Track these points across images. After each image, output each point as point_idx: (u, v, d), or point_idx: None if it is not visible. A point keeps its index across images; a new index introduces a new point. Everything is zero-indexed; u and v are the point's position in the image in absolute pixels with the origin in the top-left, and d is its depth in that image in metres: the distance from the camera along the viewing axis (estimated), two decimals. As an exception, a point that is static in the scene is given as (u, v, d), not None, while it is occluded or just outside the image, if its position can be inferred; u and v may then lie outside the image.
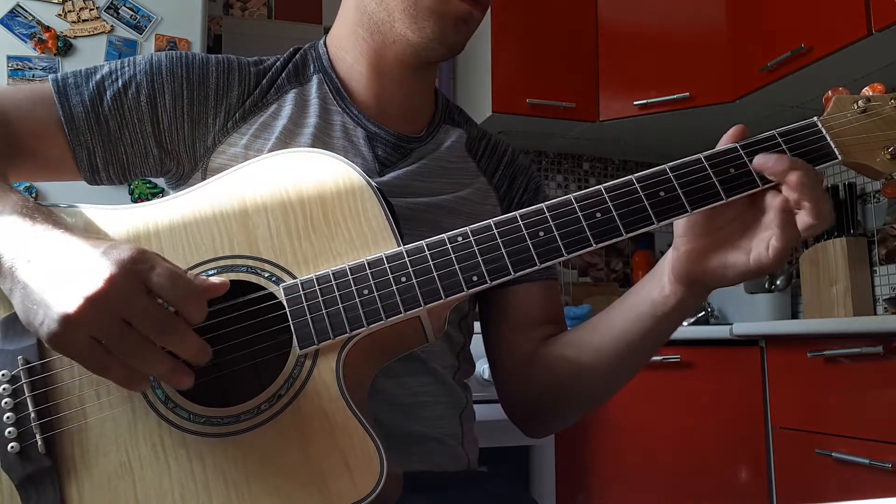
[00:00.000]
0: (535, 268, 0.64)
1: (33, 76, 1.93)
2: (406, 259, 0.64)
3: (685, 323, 2.56)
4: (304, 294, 0.63)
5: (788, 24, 2.16)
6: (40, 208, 0.64)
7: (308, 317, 0.63)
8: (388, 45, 0.84)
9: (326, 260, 0.65)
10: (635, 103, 2.54)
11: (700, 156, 0.67)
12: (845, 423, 1.82)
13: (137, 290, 0.55)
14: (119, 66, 0.82)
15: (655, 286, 0.74)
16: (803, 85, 2.19)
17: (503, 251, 0.64)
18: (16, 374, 0.62)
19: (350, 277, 0.63)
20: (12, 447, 0.60)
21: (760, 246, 0.66)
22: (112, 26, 2.02)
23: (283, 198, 0.67)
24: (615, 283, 3.00)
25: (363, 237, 0.66)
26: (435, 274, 0.63)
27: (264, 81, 0.85)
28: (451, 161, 0.90)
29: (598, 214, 0.65)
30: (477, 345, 0.94)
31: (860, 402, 1.80)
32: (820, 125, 0.68)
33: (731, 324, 2.18)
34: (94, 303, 0.54)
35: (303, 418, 0.60)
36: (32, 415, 0.61)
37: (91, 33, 2.00)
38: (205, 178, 0.71)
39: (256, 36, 2.71)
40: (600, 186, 0.66)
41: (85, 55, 1.99)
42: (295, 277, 0.65)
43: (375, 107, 0.87)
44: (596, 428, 2.14)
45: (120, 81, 0.80)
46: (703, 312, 2.62)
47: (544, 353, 0.86)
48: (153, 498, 0.59)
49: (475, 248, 0.64)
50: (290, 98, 0.85)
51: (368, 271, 0.63)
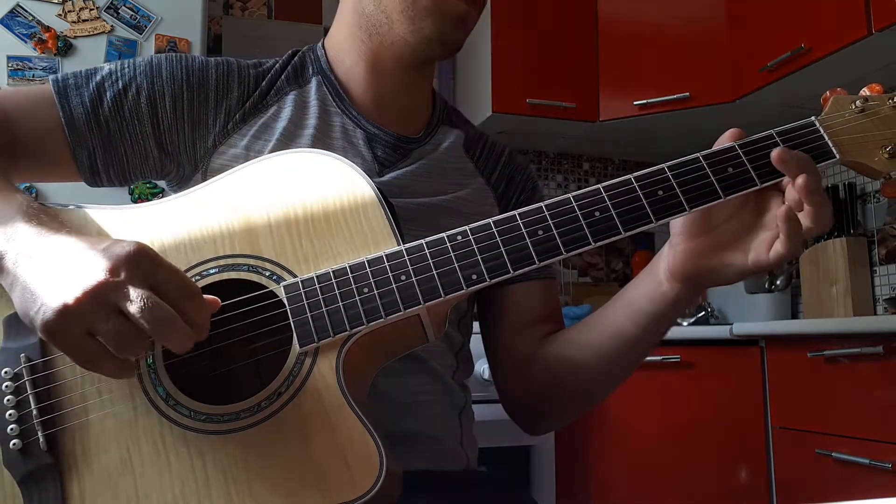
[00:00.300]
0: (533, 266, 0.64)
1: (33, 76, 1.93)
2: (406, 258, 0.64)
3: (685, 323, 2.56)
4: (305, 292, 0.64)
5: (788, 24, 2.16)
6: (45, 208, 0.65)
7: (308, 315, 0.63)
8: (386, 47, 0.84)
9: (327, 259, 0.65)
10: (635, 103, 2.54)
11: (698, 155, 0.67)
12: (845, 423, 1.82)
13: (137, 280, 0.55)
14: (119, 67, 0.82)
15: (652, 283, 0.75)
16: (803, 85, 2.19)
17: (502, 250, 0.64)
18: (18, 371, 0.62)
19: (350, 276, 0.64)
20: (14, 444, 0.61)
21: (760, 247, 0.66)
22: (112, 26, 2.02)
23: (285, 198, 0.68)
24: (615, 283, 3.00)
25: (363, 236, 0.66)
26: (434, 272, 0.63)
27: (264, 83, 0.85)
28: (450, 162, 0.90)
29: (596, 213, 0.65)
30: (477, 344, 0.94)
31: (860, 402, 1.80)
32: (818, 125, 0.68)
33: (731, 324, 2.18)
34: (92, 292, 0.54)
35: (303, 416, 0.60)
36: (34, 412, 0.61)
37: (91, 33, 2.00)
38: (205, 180, 0.72)
39: (256, 36, 2.71)
40: (599, 186, 0.66)
41: (85, 55, 1.99)
42: (295, 276, 0.65)
43: (374, 108, 0.87)
44: (596, 428, 2.14)
45: (120, 83, 0.81)
46: (703, 312, 2.62)
47: (543, 351, 0.86)
48: (154, 494, 0.60)
49: (475, 247, 0.64)
50: (289, 100, 0.85)
51: (368, 270, 0.64)
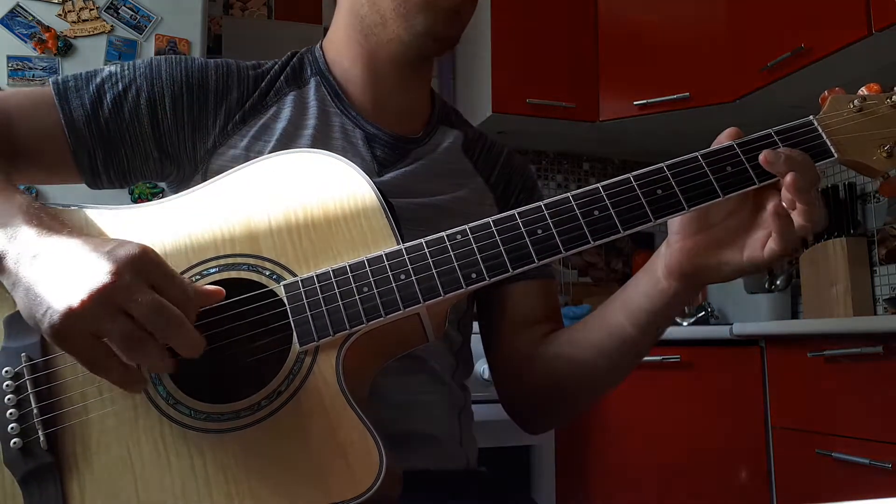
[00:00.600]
0: (533, 265, 0.64)
1: (33, 76, 1.93)
2: (405, 257, 0.64)
3: (685, 323, 2.56)
4: (305, 291, 0.64)
5: (788, 24, 2.16)
6: (46, 209, 0.65)
7: (308, 314, 0.63)
8: (382, 46, 0.85)
9: (327, 258, 0.65)
10: (635, 103, 2.54)
11: (697, 154, 0.67)
12: (845, 423, 1.82)
13: (142, 284, 0.55)
14: (119, 69, 0.82)
15: (650, 281, 0.75)
16: (803, 85, 2.19)
17: (501, 249, 0.64)
18: (19, 370, 0.63)
19: (350, 275, 0.64)
20: (15, 443, 0.61)
21: (755, 245, 0.67)
22: (112, 26, 2.02)
23: (284, 197, 0.68)
24: (615, 282, 3.00)
25: (363, 236, 0.66)
26: (434, 271, 0.63)
27: (263, 84, 0.86)
28: (449, 162, 0.90)
29: (595, 212, 0.65)
30: (477, 345, 0.94)
31: (860, 402, 1.80)
32: (816, 124, 0.68)
33: (731, 324, 2.18)
34: (98, 295, 0.54)
35: (302, 414, 0.61)
36: (35, 411, 0.62)
37: (91, 33, 2.00)
38: (205, 181, 0.72)
39: (256, 36, 2.71)
40: (598, 185, 0.66)
41: (85, 55, 1.99)
42: (295, 275, 0.65)
43: (373, 108, 0.87)
44: (596, 428, 2.15)
45: (120, 85, 0.81)
46: (703, 312, 2.62)
47: (542, 350, 0.86)
48: (154, 493, 0.60)
49: (474, 246, 0.64)
50: (288, 101, 0.86)
51: (368, 269, 0.64)
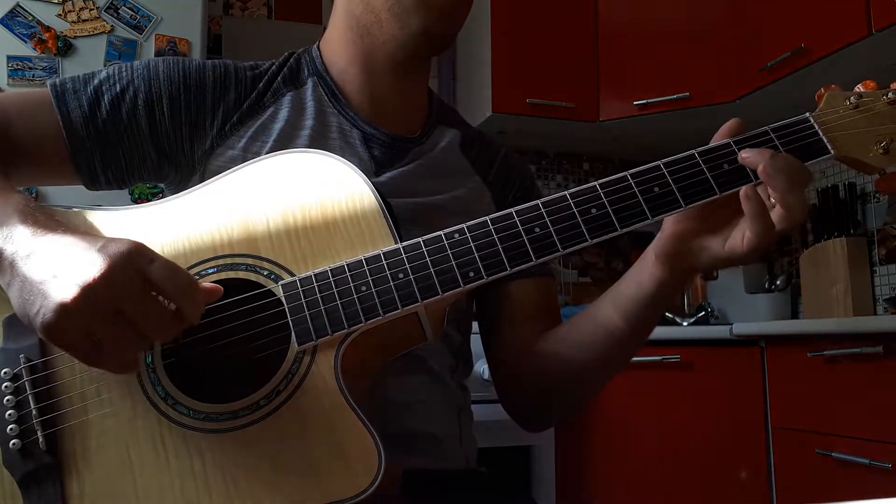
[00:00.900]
0: (530, 263, 0.64)
1: (33, 76, 1.93)
2: (403, 256, 0.64)
3: (685, 323, 2.56)
4: (303, 291, 0.64)
5: (788, 24, 2.16)
6: (42, 208, 0.65)
7: (306, 313, 0.63)
8: (377, 46, 0.85)
9: (325, 258, 0.65)
10: (635, 103, 2.54)
11: (694, 152, 0.67)
12: (845, 423, 1.82)
13: (134, 281, 0.55)
14: (116, 71, 0.83)
15: (640, 269, 0.75)
16: (803, 85, 2.19)
17: (499, 247, 0.64)
18: (17, 372, 0.63)
19: (348, 274, 0.64)
20: (14, 444, 0.61)
21: (737, 235, 0.67)
22: (112, 26, 2.02)
23: (282, 197, 0.68)
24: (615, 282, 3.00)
25: (361, 235, 0.66)
26: (432, 270, 0.63)
27: (260, 85, 0.86)
28: (447, 161, 0.90)
29: (593, 210, 0.65)
30: (476, 345, 0.95)
31: (860, 402, 1.79)
32: (812, 121, 0.68)
33: (731, 324, 2.18)
34: (90, 292, 0.54)
35: (301, 414, 0.61)
36: (34, 412, 0.62)
37: (91, 33, 2.00)
38: (204, 181, 0.72)
39: (256, 36, 2.71)
40: (595, 182, 0.67)
41: (85, 55, 1.99)
42: (294, 275, 0.65)
43: (370, 108, 0.87)
44: (596, 428, 2.14)
45: (117, 87, 0.81)
46: (703, 312, 2.61)
47: (538, 349, 0.86)
48: (153, 493, 0.60)
49: (471, 245, 0.64)
50: (286, 101, 0.86)
51: (366, 268, 0.64)
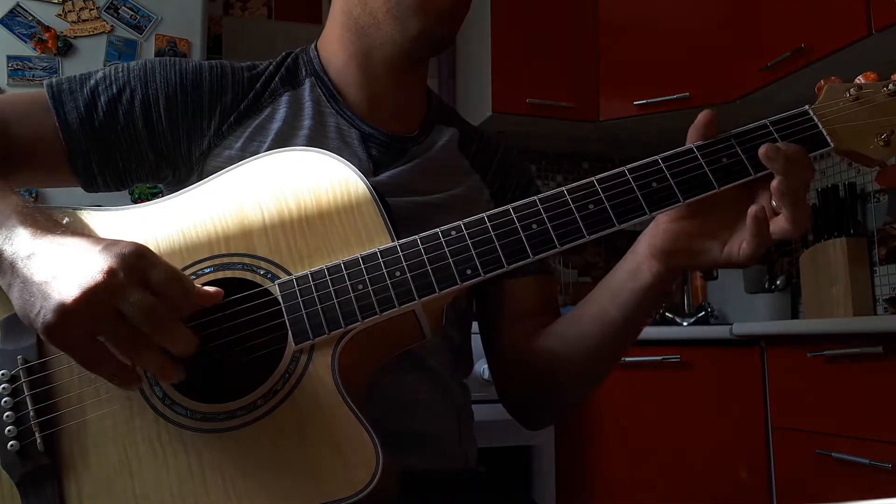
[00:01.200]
0: (528, 260, 0.64)
1: (33, 76, 1.93)
2: (400, 253, 0.64)
3: (685, 323, 2.55)
4: (299, 290, 0.64)
5: (788, 24, 2.16)
6: (41, 210, 0.65)
7: (303, 312, 0.63)
8: (375, 48, 0.84)
9: (321, 256, 0.65)
10: (635, 103, 2.54)
11: (692, 146, 0.67)
12: (845, 423, 1.82)
13: (135, 283, 0.56)
14: (113, 72, 0.82)
15: (632, 261, 0.75)
16: (803, 85, 2.19)
17: (496, 244, 0.64)
18: (15, 373, 0.63)
19: (344, 272, 0.64)
20: (12, 445, 0.61)
21: (735, 242, 0.67)
22: (112, 26, 2.02)
23: (279, 196, 0.68)
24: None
25: (357, 234, 0.66)
26: (429, 268, 0.63)
27: (258, 85, 0.86)
28: (445, 159, 0.90)
29: (590, 206, 0.65)
30: (476, 344, 0.94)
31: (860, 402, 1.79)
32: (812, 113, 0.68)
33: (731, 324, 2.18)
34: (91, 294, 0.54)
35: (299, 413, 0.60)
36: (31, 413, 0.62)
37: (91, 33, 2.00)
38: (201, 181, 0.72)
39: (256, 36, 2.71)
40: (592, 178, 0.66)
41: (85, 55, 1.99)
42: (290, 274, 0.65)
43: (368, 108, 0.87)
44: (596, 428, 2.14)
45: (114, 87, 0.81)
46: (703, 312, 2.61)
47: (535, 345, 0.86)
48: (151, 494, 0.60)
49: (468, 242, 0.64)
50: (283, 101, 0.85)
51: (363, 266, 0.64)
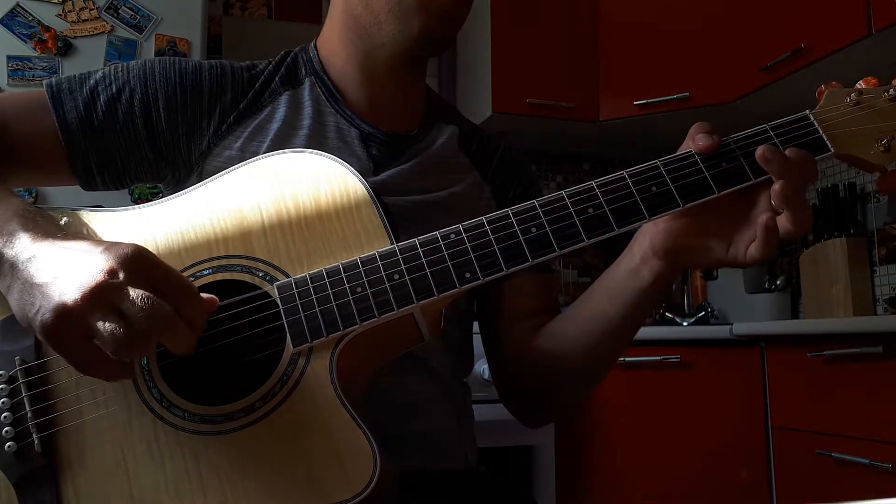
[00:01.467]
0: (527, 264, 0.64)
1: (33, 76, 1.94)
2: (399, 257, 0.64)
3: (685, 323, 2.55)
4: (298, 292, 0.64)
5: (788, 24, 2.16)
6: (41, 212, 0.65)
7: (302, 315, 0.63)
8: (376, 47, 0.84)
9: (320, 259, 0.65)
10: (635, 103, 2.54)
11: (692, 150, 0.67)
12: (845, 423, 1.82)
13: (137, 282, 0.56)
14: (113, 71, 0.82)
15: (631, 260, 0.75)
16: (803, 85, 2.18)
17: (495, 247, 0.64)
18: (13, 374, 0.63)
19: (343, 275, 0.64)
20: (9, 446, 0.61)
21: (740, 244, 0.67)
22: (112, 26, 2.02)
23: (278, 198, 0.68)
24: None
25: (357, 236, 0.66)
26: (428, 271, 0.63)
27: (257, 85, 0.85)
28: (445, 157, 0.90)
29: (590, 210, 0.65)
30: (477, 344, 0.94)
31: (860, 402, 1.79)
32: (812, 118, 0.68)
33: (731, 324, 2.18)
34: (92, 293, 0.54)
35: (297, 416, 0.60)
36: (29, 414, 0.62)
37: (91, 33, 2.00)
38: (201, 182, 0.72)
39: (256, 36, 2.71)
40: (592, 182, 0.66)
41: (85, 55, 1.99)
42: (289, 276, 0.65)
43: (368, 107, 0.87)
44: (596, 428, 2.14)
45: (114, 87, 0.81)
46: (703, 312, 2.61)
47: (533, 344, 0.86)
48: (149, 496, 0.59)
49: (468, 245, 0.64)
50: (283, 101, 0.85)
51: (362, 269, 0.64)
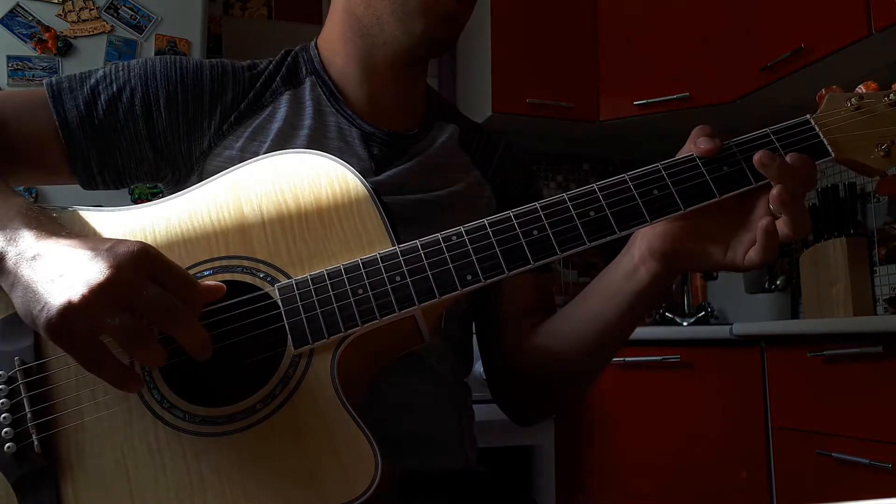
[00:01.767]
0: (528, 266, 0.64)
1: (33, 76, 1.93)
2: (400, 258, 0.64)
3: (685, 323, 2.55)
4: (299, 294, 0.63)
5: (788, 24, 2.16)
6: (43, 210, 0.65)
7: (303, 316, 0.63)
8: (377, 47, 0.84)
9: (321, 260, 0.65)
10: (635, 103, 2.54)
11: (693, 153, 0.67)
12: (845, 423, 1.82)
13: (145, 279, 0.56)
14: (113, 70, 0.82)
15: (629, 263, 0.75)
16: (803, 85, 2.19)
17: (497, 250, 0.64)
18: (12, 374, 0.63)
19: (345, 277, 0.63)
20: (9, 447, 0.61)
21: (738, 247, 0.67)
22: (112, 26, 2.02)
23: (279, 198, 0.68)
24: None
25: (358, 237, 0.66)
26: (429, 273, 0.63)
27: (258, 85, 0.85)
28: (446, 157, 0.90)
29: (591, 213, 0.65)
30: (476, 344, 0.94)
31: (860, 402, 1.79)
32: (813, 122, 0.68)
33: (731, 324, 2.18)
34: (99, 291, 0.54)
35: (297, 417, 0.60)
36: (29, 415, 0.61)
37: (91, 33, 2.00)
38: (201, 181, 0.71)
39: (256, 36, 2.71)
40: (593, 185, 0.66)
41: (85, 55, 1.99)
42: (290, 277, 0.65)
43: (368, 107, 0.87)
44: (596, 428, 2.14)
45: (114, 86, 0.81)
46: (703, 312, 2.61)
47: (528, 343, 0.86)
48: (149, 497, 0.59)
49: (469, 248, 0.64)
50: (284, 100, 0.85)
51: (363, 271, 0.64)
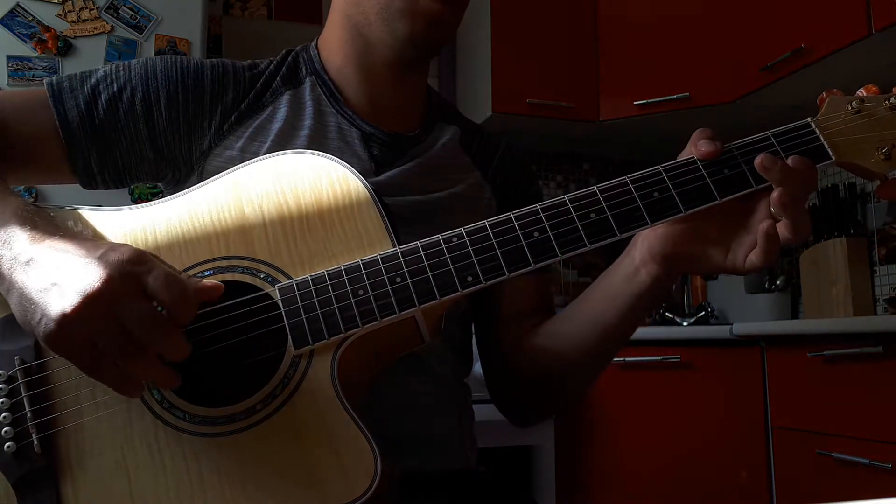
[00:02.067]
0: (529, 268, 0.64)
1: (33, 76, 1.93)
2: (401, 259, 0.64)
3: (685, 323, 2.55)
4: (300, 294, 0.63)
5: (788, 24, 2.16)
6: (40, 212, 0.65)
7: (303, 317, 0.63)
8: (371, 48, 0.85)
9: (322, 261, 0.65)
10: (635, 103, 2.54)
11: (694, 156, 0.67)
12: (845, 423, 1.82)
13: (133, 291, 0.56)
14: (114, 70, 0.82)
15: (629, 265, 0.75)
16: (803, 85, 2.19)
17: (497, 251, 0.64)
18: (12, 374, 0.63)
19: (345, 278, 0.63)
20: (9, 447, 0.61)
21: (739, 250, 0.67)
22: (112, 26, 2.02)
23: (279, 199, 0.68)
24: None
25: (358, 238, 0.66)
26: (430, 274, 0.63)
27: (259, 85, 0.85)
28: (446, 158, 0.90)
29: (592, 215, 0.65)
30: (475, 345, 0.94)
31: (860, 402, 1.79)
32: (814, 126, 0.68)
33: (731, 324, 2.18)
34: (90, 302, 0.54)
35: (297, 418, 0.60)
36: (29, 415, 0.62)
37: (91, 33, 2.00)
38: (202, 181, 0.71)
39: (256, 36, 2.71)
40: (594, 187, 0.66)
41: (85, 55, 1.99)
42: (290, 278, 0.65)
43: (368, 107, 0.87)
44: (596, 428, 2.14)
45: (115, 85, 0.81)
46: (703, 312, 2.61)
47: (528, 344, 0.86)
48: (148, 497, 0.59)
49: (470, 249, 0.64)
50: (284, 101, 0.85)
51: (364, 272, 0.64)
